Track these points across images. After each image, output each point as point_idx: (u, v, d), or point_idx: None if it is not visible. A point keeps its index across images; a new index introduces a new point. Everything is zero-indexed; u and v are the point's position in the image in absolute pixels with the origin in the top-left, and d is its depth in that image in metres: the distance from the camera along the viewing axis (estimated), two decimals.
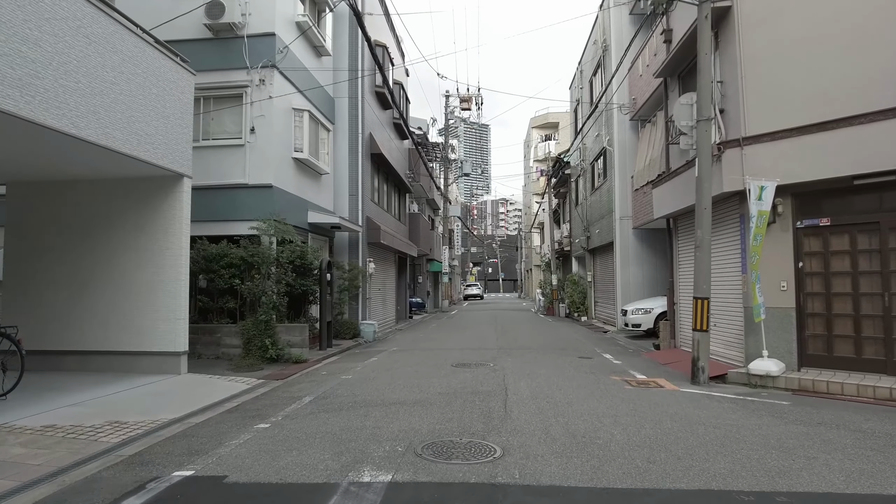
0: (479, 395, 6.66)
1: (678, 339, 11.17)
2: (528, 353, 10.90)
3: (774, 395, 7.03)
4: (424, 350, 11.84)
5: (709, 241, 7.83)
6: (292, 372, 9.26)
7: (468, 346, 12.31)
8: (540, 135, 47.26)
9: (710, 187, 7.84)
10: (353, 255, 15.49)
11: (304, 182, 13.13)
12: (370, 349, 12.45)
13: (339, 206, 15.43)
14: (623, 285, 16.32)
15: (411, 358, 10.49)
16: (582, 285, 22.57)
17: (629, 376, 8.30)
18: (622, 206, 16.48)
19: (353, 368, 9.28)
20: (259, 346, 10.29)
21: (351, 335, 14.34)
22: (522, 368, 8.89)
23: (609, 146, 17.18)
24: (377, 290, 17.49)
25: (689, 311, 10.65)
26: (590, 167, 20.76)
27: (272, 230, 10.78)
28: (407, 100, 22.32)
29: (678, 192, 10.19)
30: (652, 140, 14.31)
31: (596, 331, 16.85)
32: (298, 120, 12.56)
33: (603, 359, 10.33)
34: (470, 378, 7.93)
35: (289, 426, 5.43)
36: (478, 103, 30.63)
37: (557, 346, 12.37)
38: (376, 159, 17.07)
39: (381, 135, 17.78)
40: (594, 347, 12.16)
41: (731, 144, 8.13)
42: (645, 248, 16.32)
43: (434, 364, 9.46)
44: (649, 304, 13.71)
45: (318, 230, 13.84)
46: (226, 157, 11.56)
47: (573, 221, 24.63)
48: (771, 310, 7.82)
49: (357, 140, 15.59)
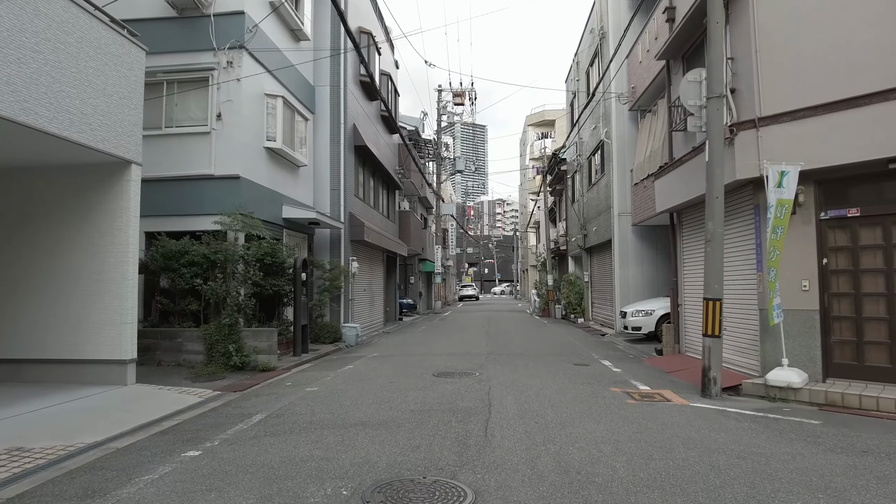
0: (458, 414, 5.72)
1: (683, 344, 10.25)
2: (520, 360, 9.97)
3: (799, 411, 6.10)
4: (407, 356, 10.90)
5: (721, 234, 6.91)
6: (255, 382, 8.31)
7: (455, 352, 11.37)
8: (536, 133, 46.36)
9: (722, 173, 6.92)
10: (335, 253, 14.54)
11: (279, 174, 12.18)
12: (349, 355, 11.50)
13: (320, 201, 14.47)
14: (622, 285, 15.40)
15: (390, 366, 9.55)
16: (579, 286, 21.66)
17: (631, 387, 7.37)
18: (621, 201, 15.57)
19: (323, 379, 8.33)
20: (222, 352, 9.34)
21: (331, 339, 13.39)
22: (511, 378, 7.96)
23: (607, 139, 16.27)
24: (362, 290, 16.54)
25: (696, 314, 9.75)
26: (587, 162, 19.86)
27: (238, 225, 9.83)
28: (396, 92, 21.38)
29: (683, 182, 9.28)
30: (652, 130, 13.40)
31: (593, 334, 15.93)
32: (271, 106, 11.61)
33: (601, 366, 9.40)
34: (450, 391, 6.99)
35: (222, 455, 4.48)
36: (471, 98, 29.75)
37: (552, 352, 11.44)
38: (361, 152, 16.12)
39: (366, 127, 16.83)
40: (591, 353, 11.24)
41: (744, 126, 7.21)
42: (645, 246, 15.41)
43: (414, 373, 8.52)
44: (650, 306, 12.79)
45: (294, 226, 12.89)
46: (191, 145, 10.60)
47: (569, 219, 23.73)
48: (791, 312, 6.90)
49: (339, 131, 14.64)
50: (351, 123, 15.28)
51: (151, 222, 10.47)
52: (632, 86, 14.73)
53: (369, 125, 17.42)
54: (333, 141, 14.65)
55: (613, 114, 15.84)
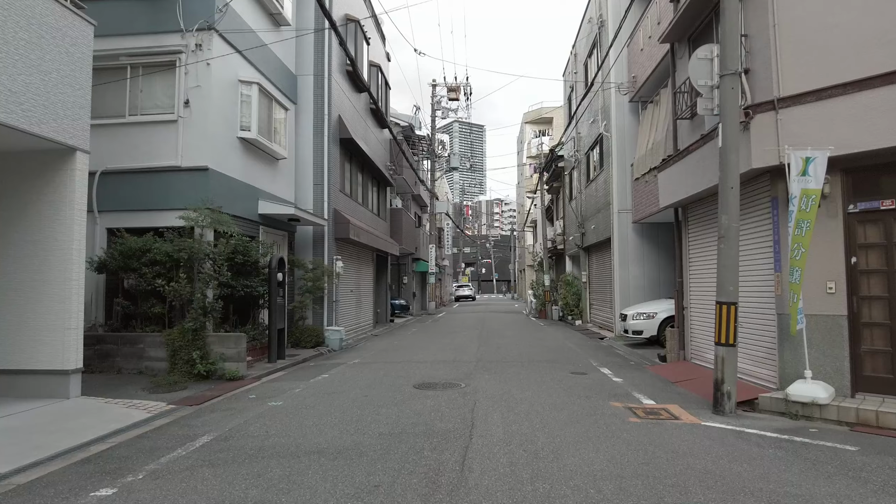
0: (434, 438, 4.91)
1: (689, 350, 9.45)
2: (511, 368, 9.17)
3: (828, 432, 5.31)
4: (390, 363, 10.08)
5: (737, 229, 6.10)
6: (217, 393, 7.50)
7: (443, 358, 10.56)
8: (533, 130, 45.54)
9: (737, 160, 6.11)
10: (319, 252, 13.72)
11: (255, 167, 11.36)
12: (329, 361, 10.68)
13: (302, 196, 13.66)
14: (622, 286, 14.61)
15: (369, 375, 8.73)
16: (576, 286, 20.87)
17: (634, 402, 6.57)
18: (621, 198, 14.77)
19: (292, 390, 7.51)
20: (186, 359, 8.54)
21: (313, 343, 12.58)
22: (500, 391, 7.15)
23: (606, 132, 15.48)
24: (349, 291, 15.72)
25: (703, 318, 8.96)
26: (584, 157, 19.06)
27: (206, 220, 9.00)
28: (387, 85, 20.56)
29: (690, 174, 8.49)
30: (655, 121, 12.61)
31: (591, 337, 15.13)
32: (246, 94, 10.79)
33: (600, 375, 8.61)
34: (430, 407, 6.17)
35: (139, 495, 3.67)
36: (466, 93, 28.93)
37: (547, 358, 10.63)
38: (347, 146, 15.30)
39: (353, 120, 16.02)
40: (589, 359, 10.44)
41: (762, 108, 6.40)
42: (646, 245, 14.62)
43: (393, 384, 7.70)
44: (652, 308, 12.00)
45: (273, 223, 12.07)
46: (156, 134, 9.78)
47: (567, 217, 22.93)
48: (814, 318, 6.11)
49: (323, 122, 13.82)
50: (336, 115, 14.47)
51: (114, 218, 9.69)
52: (632, 75, 13.94)
53: (357, 118, 16.61)
54: (317, 133, 13.83)
55: (613, 105, 15.04)
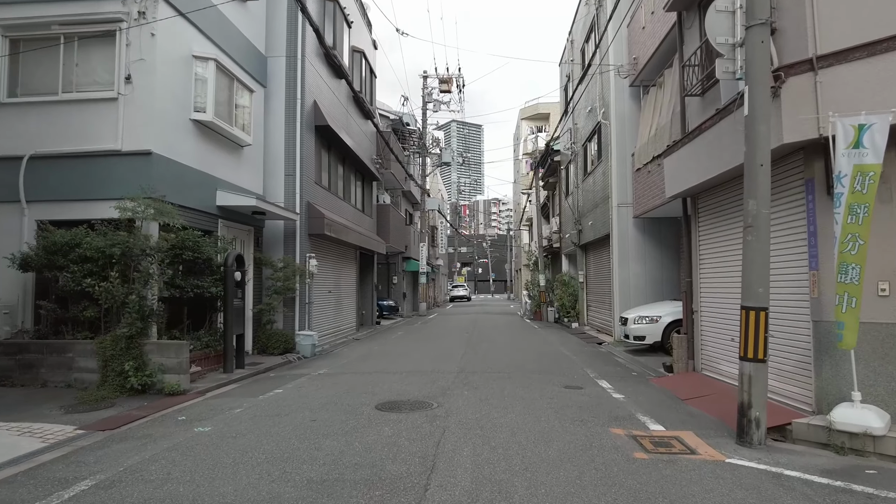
0: (377, 489, 3.72)
1: (699, 360, 8.28)
2: (496, 381, 7.99)
3: (891, 474, 4.15)
4: (360, 374, 8.90)
5: (767, 217, 4.93)
6: (144, 413, 6.32)
7: (421, 368, 9.38)
8: (530, 127, 44.34)
9: (767, 132, 4.94)
10: (290, 249, 12.53)
11: (213, 154, 10.16)
12: (292, 371, 9.49)
13: (272, 188, 12.47)
14: (621, 287, 13.45)
15: (330, 390, 7.55)
16: (573, 286, 19.71)
17: (639, 427, 5.40)
18: (620, 190, 13.61)
19: (231, 411, 6.33)
20: (118, 371, 7.36)
21: (282, 350, 11.39)
22: (478, 413, 5.97)
23: (604, 120, 14.32)
24: (326, 292, 14.53)
25: (716, 323, 7.79)
26: (582, 149, 17.90)
27: (147, 211, 7.82)
28: (372, 73, 19.38)
29: (702, 157, 7.33)
30: (658, 105, 11.47)
31: (588, 341, 13.97)
32: (201, 71, 9.60)
33: (598, 389, 7.44)
34: (385, 439, 4.97)
35: None
36: (458, 85, 27.78)
37: (538, 367, 9.46)
38: (325, 134, 14.12)
39: (332, 107, 14.83)
40: (586, 369, 9.27)
41: (795, 70, 5.24)
42: (648, 242, 13.46)
43: (352, 404, 6.52)
44: (656, 311, 10.83)
45: (236, 217, 10.87)
46: (94, 114, 8.58)
47: (563, 214, 21.78)
48: (862, 326, 4.95)
49: (295, 107, 12.63)
50: (311, 100, 13.28)
51: (44, 209, 8.51)
52: (633, 56, 12.79)
53: (337, 106, 15.42)
54: (289, 119, 12.64)
55: (612, 91, 13.88)
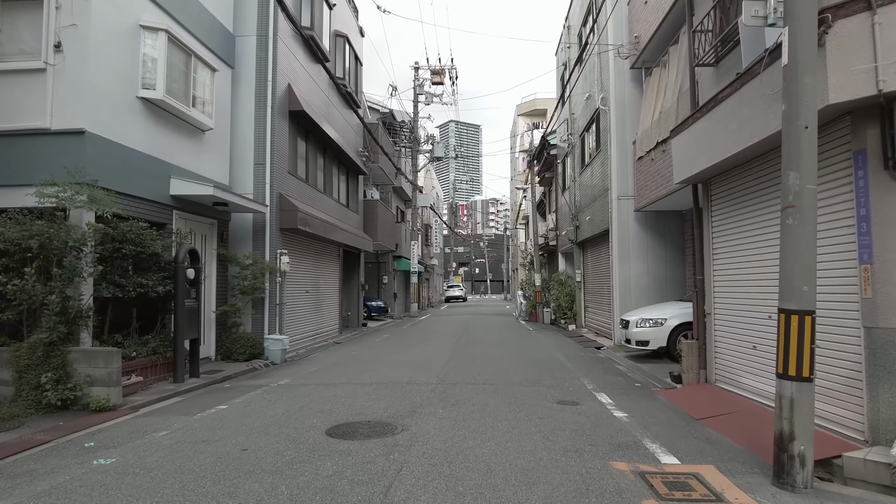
0: None
1: (713, 370, 7.21)
2: (479, 395, 6.92)
3: None
4: (325, 386, 7.82)
5: (814, 194, 3.86)
6: (49, 438, 5.26)
7: (397, 378, 8.31)
8: (527, 123, 43.35)
9: (814, 84, 3.87)
10: (260, 245, 11.45)
11: (167, 138, 9.07)
12: (251, 382, 8.41)
13: (240, 178, 11.39)
14: (622, 286, 12.38)
15: (281, 407, 6.46)
16: (570, 286, 18.65)
17: (647, 460, 4.33)
18: (621, 181, 12.55)
19: (151, 435, 5.25)
20: (33, 384, 6.28)
21: (248, 355, 10.31)
22: (450, 440, 4.90)
23: (603, 106, 13.26)
24: (303, 292, 13.45)
25: (733, 328, 6.70)
26: (579, 140, 16.84)
27: (76, 198, 6.73)
28: (357, 60, 18.29)
29: (717, 134, 6.27)
30: (663, 86, 10.42)
31: (586, 346, 12.90)
32: (150, 43, 8.51)
33: (597, 405, 6.37)
34: (323, 480, 3.88)
35: None
36: (451, 77, 26.70)
37: (529, 377, 8.39)
38: (301, 121, 13.05)
39: (310, 93, 13.76)
40: (583, 379, 8.20)
41: (847, 9, 4.17)
42: (651, 237, 12.40)
43: (299, 427, 5.43)
44: (660, 313, 9.76)
45: (195, 208, 9.78)
46: (18, 86, 7.48)
47: (560, 210, 20.73)
48: None
49: (266, 90, 11.55)
50: (285, 83, 12.21)
51: None
52: (635, 35, 11.73)
53: (316, 92, 14.34)
54: (259, 103, 11.57)
55: (611, 74, 12.82)
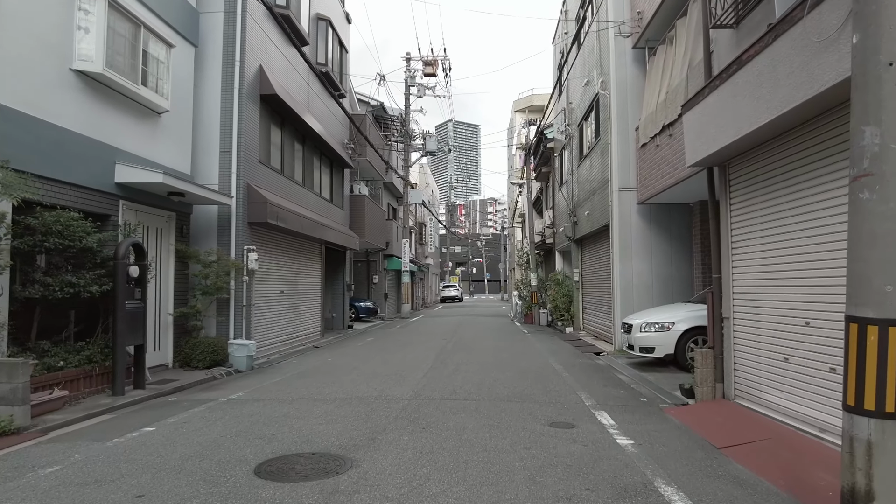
0: None
1: (732, 384, 6.18)
2: (457, 415, 5.89)
3: None
4: (276, 403, 6.77)
5: None
6: None
7: (363, 392, 7.28)
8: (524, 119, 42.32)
9: None
10: (225, 240, 10.41)
11: (111, 118, 8.02)
12: (200, 395, 7.36)
13: (204, 167, 10.36)
14: (623, 286, 11.36)
15: (215, 430, 5.42)
16: (567, 286, 17.64)
17: None
18: (622, 172, 11.52)
19: (37, 471, 4.21)
20: None
21: (209, 362, 9.30)
22: (410, 483, 3.87)
23: (603, 90, 12.24)
24: (277, 292, 12.41)
25: (759, 335, 5.63)
26: (577, 131, 15.82)
27: None
28: (342, 47, 17.26)
29: (742, 103, 5.24)
30: (669, 64, 9.40)
31: (585, 351, 11.87)
32: (86, 7, 7.47)
33: (596, 428, 5.34)
34: None
35: None
36: (445, 69, 25.67)
37: (518, 390, 7.37)
38: (275, 107, 12.02)
39: (286, 77, 12.74)
40: (580, 392, 7.17)
41: None
42: (655, 233, 11.39)
43: (225, 459, 4.40)
44: (667, 317, 8.74)
45: (147, 199, 8.74)
46: None
47: (557, 206, 19.71)
48: None
49: (233, 71, 10.52)
50: (255, 65, 11.18)
51: None
52: (637, 11, 10.71)
53: (293, 78, 13.32)
54: (226, 86, 10.53)
55: (612, 56, 11.79)
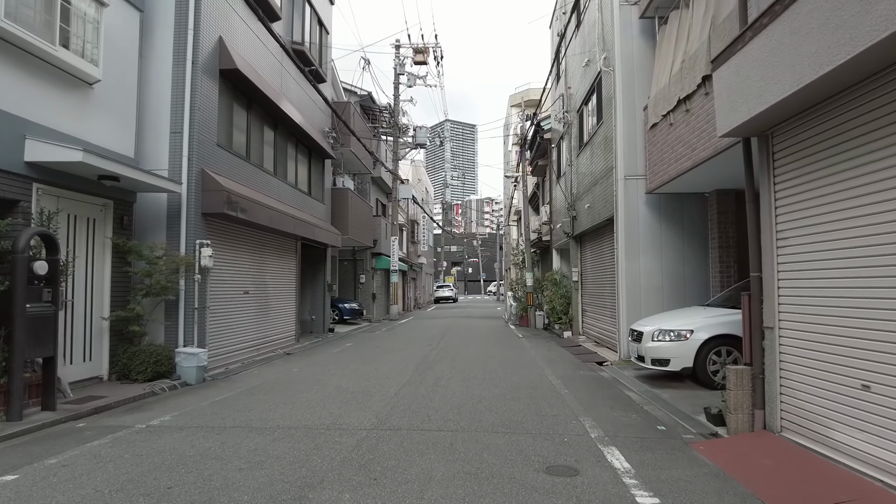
0: None
1: (776, 412, 4.87)
2: (425, 457, 4.59)
3: None
4: (206, 432, 5.47)
5: None
6: None
7: (314, 420, 5.98)
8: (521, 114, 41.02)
9: None
10: (174, 234, 9.09)
11: (21, 85, 6.66)
12: (117, 420, 6.03)
13: (151, 149, 9.04)
14: (629, 287, 10.07)
15: (99, 479, 4.11)
16: (565, 287, 16.36)
17: None
18: (628, 158, 10.23)
19: None
20: None
21: (151, 374, 8.00)
22: None
23: (606, 68, 10.94)
24: (241, 293, 11.08)
25: (815, 350, 4.22)
26: (577, 117, 14.53)
27: None
28: (322, 26, 15.94)
29: (801, 47, 3.95)
30: (685, 30, 8.12)
31: (586, 360, 10.57)
32: None
33: (607, 477, 4.05)
34: None
35: None
36: (436, 57, 24.37)
37: (508, 415, 6.06)
38: (238, 84, 10.70)
39: (254, 53, 11.43)
40: (583, 419, 5.87)
41: None
42: (666, 226, 10.10)
43: None
44: (683, 323, 7.44)
45: (73, 183, 7.39)
46: None
47: (555, 201, 18.43)
48: None
49: (185, 40, 9.19)
50: (215, 36, 9.86)
51: None
52: None
53: (263, 55, 12.00)
54: (178, 58, 9.21)
55: (616, 27, 10.49)
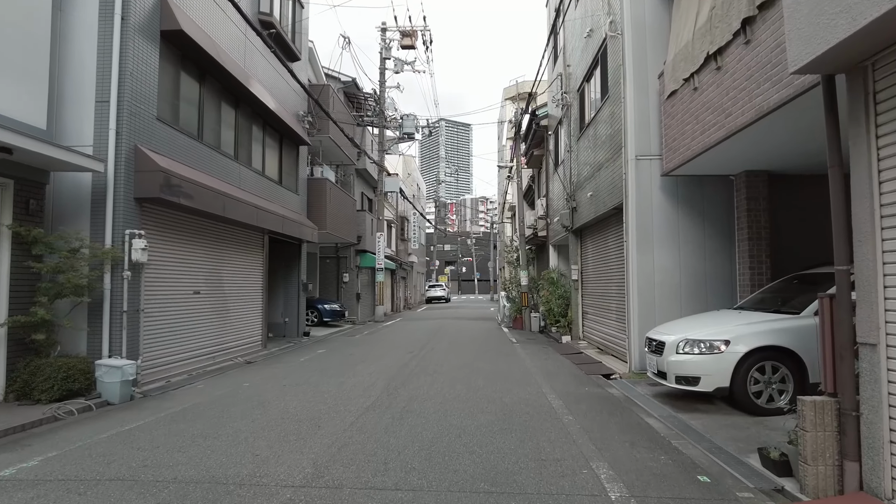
0: None
1: (884, 469, 3.43)
2: None
3: None
4: (70, 494, 3.98)
5: None
6: None
7: (231, 470, 4.48)
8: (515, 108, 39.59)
9: None
10: (99, 223, 7.58)
11: None
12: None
13: (72, 120, 7.53)
14: (641, 286, 8.62)
15: None
16: (563, 287, 14.92)
17: None
18: (640, 135, 8.78)
19: None
20: None
21: (61, 392, 6.50)
22: None
23: (612, 32, 9.48)
24: (190, 294, 9.56)
25: None
26: (577, 97, 13.08)
27: None
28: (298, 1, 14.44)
29: None
30: None
31: (589, 371, 9.11)
32: None
33: None
34: None
35: None
36: (425, 42, 22.88)
37: (495, 463, 4.60)
38: (186, 50, 9.18)
39: (210, 18, 9.93)
40: (595, 464, 4.40)
41: None
42: (684, 215, 8.66)
43: None
44: (716, 331, 5.98)
45: None
46: None
47: (552, 195, 16.99)
48: None
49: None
50: None
51: None
52: None
53: (224, 24, 10.48)
54: (105, 13, 7.70)
55: None
